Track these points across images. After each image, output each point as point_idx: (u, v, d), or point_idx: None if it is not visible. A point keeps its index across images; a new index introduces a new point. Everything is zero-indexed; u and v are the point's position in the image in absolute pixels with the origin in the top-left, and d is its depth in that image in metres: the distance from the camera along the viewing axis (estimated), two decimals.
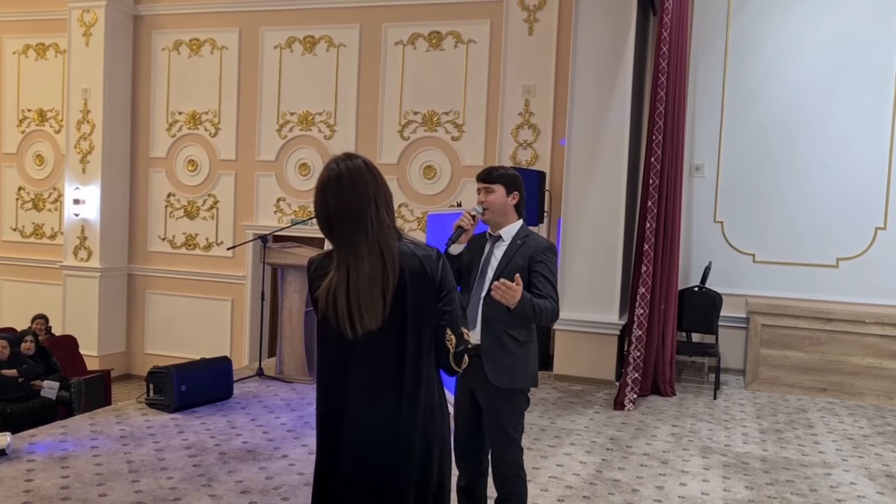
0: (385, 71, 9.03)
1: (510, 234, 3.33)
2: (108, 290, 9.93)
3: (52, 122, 10.50)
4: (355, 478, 2.24)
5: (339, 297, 2.17)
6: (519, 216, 3.36)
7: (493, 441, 3.29)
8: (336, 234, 2.22)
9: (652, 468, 4.86)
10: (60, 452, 4.73)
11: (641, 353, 6.41)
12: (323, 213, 2.23)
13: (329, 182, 2.23)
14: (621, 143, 6.97)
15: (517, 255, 3.26)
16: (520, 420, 3.31)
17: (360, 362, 2.22)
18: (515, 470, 3.27)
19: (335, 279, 2.18)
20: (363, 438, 2.23)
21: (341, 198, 2.20)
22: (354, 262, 2.18)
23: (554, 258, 3.30)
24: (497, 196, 3.30)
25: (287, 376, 6.76)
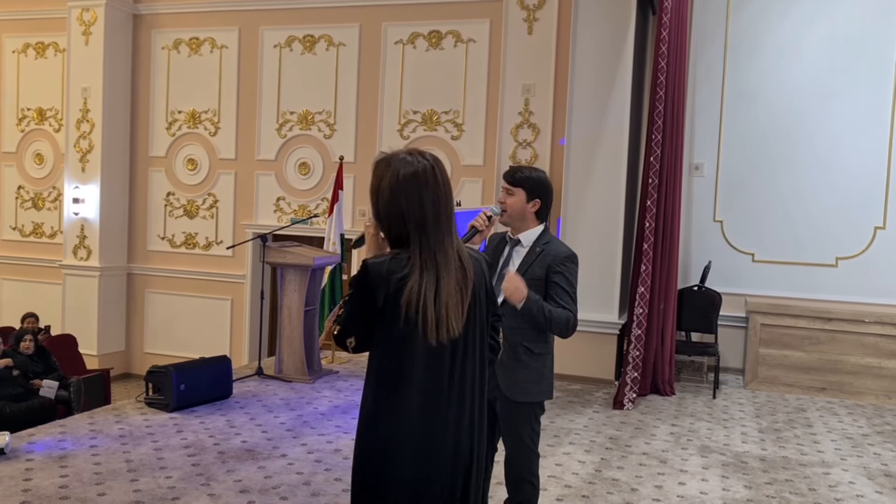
0: (385, 70, 9.03)
1: (530, 239, 3.22)
2: (108, 289, 9.93)
3: (52, 121, 10.50)
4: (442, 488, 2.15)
5: (428, 301, 2.06)
6: (541, 221, 3.24)
7: (508, 449, 3.28)
8: (428, 232, 2.10)
9: (651, 467, 4.86)
10: (59, 452, 4.73)
11: (641, 353, 6.41)
12: (416, 208, 2.09)
13: (425, 177, 2.11)
14: (621, 142, 6.97)
15: (535, 264, 3.16)
16: (536, 429, 3.27)
17: (446, 370, 2.14)
18: (529, 478, 3.25)
19: (424, 283, 2.06)
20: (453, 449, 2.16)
21: (436, 196, 2.12)
22: (444, 265, 2.09)
23: (574, 268, 3.17)
24: (516, 200, 3.21)
25: (286, 376, 6.76)
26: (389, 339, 2.12)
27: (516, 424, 3.22)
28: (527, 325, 3.12)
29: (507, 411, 3.24)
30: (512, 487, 3.29)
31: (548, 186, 3.23)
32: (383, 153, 2.21)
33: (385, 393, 2.13)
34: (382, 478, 2.12)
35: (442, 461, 2.14)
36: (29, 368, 7.32)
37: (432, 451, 2.13)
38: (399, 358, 2.12)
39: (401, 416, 2.11)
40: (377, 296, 2.08)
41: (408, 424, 2.12)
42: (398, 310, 2.06)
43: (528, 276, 3.15)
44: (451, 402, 2.14)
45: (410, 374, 2.12)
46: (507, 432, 3.26)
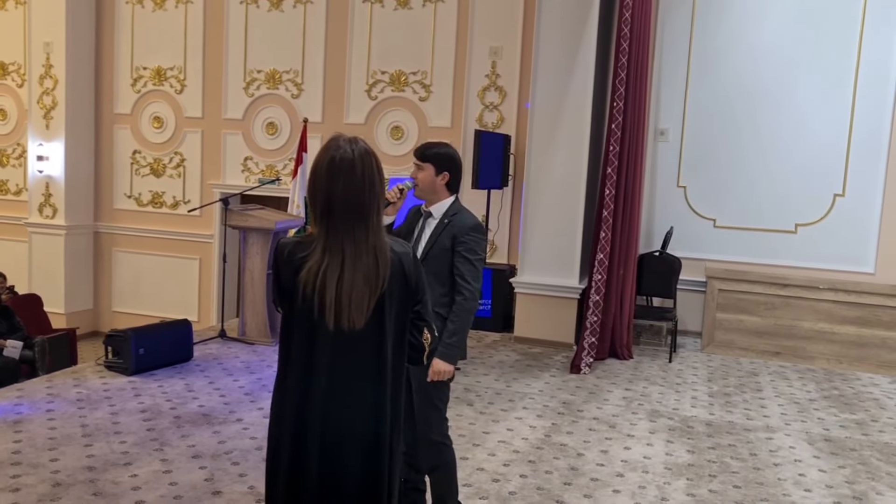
0: (352, 29, 8.91)
1: (440, 211, 3.36)
2: (74, 247, 9.88)
3: (15, 76, 10.30)
4: (331, 479, 2.19)
5: (328, 287, 2.10)
6: (451, 193, 3.38)
7: (418, 411, 3.36)
8: (334, 221, 2.14)
9: (599, 432, 4.99)
10: (14, 416, 4.78)
11: (598, 318, 6.52)
12: (323, 197, 2.14)
13: (341, 166, 2.14)
14: (583, 108, 6.97)
15: (443, 234, 3.32)
16: (444, 391, 3.38)
17: (339, 358, 2.17)
18: (441, 439, 3.36)
19: (325, 265, 2.10)
20: (338, 438, 2.19)
21: (352, 188, 2.14)
22: (352, 257, 2.12)
23: (480, 237, 3.32)
24: (426, 174, 3.34)
25: (249, 338, 6.81)
26: (290, 318, 2.20)
27: (425, 386, 3.31)
28: (436, 287, 3.21)
29: (417, 373, 3.32)
30: (427, 451, 3.38)
31: (456, 160, 3.36)
32: (332, 134, 2.26)
33: (281, 370, 2.23)
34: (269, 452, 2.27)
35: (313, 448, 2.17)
36: None
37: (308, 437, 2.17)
38: (294, 338, 2.19)
39: (284, 396, 2.21)
40: (281, 274, 2.20)
41: (288, 405, 2.19)
42: (297, 286, 2.13)
43: (437, 246, 3.31)
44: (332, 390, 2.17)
45: (301, 357, 2.18)
46: (419, 394, 3.35)
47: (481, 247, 3.32)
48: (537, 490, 4.06)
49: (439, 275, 3.28)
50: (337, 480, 2.19)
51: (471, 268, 3.27)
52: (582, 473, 4.31)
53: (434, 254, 3.30)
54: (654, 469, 4.42)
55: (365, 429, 2.21)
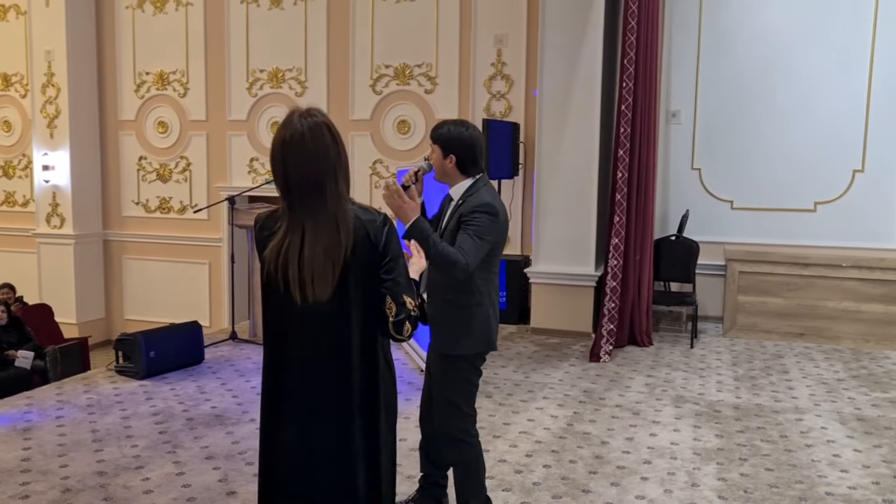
0: (354, 24, 8.79)
1: (458, 193, 3.14)
2: (84, 256, 9.80)
3: (18, 87, 10.24)
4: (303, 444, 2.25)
5: (290, 262, 2.13)
6: (467, 175, 3.13)
7: (436, 406, 3.21)
8: (293, 196, 2.15)
9: (623, 420, 4.84)
10: (24, 424, 4.68)
11: (616, 305, 6.36)
12: (280, 172, 2.16)
13: (291, 143, 2.15)
14: (593, 91, 6.81)
15: (454, 217, 3.09)
16: (465, 387, 3.17)
17: (307, 330, 2.20)
18: (461, 436, 3.16)
19: (287, 243, 2.14)
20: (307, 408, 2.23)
21: (303, 163, 2.14)
22: (312, 230, 2.13)
23: (484, 217, 3.00)
24: (436, 157, 3.13)
25: (260, 338, 6.66)
26: (264, 293, 2.25)
27: (445, 380, 3.16)
28: (441, 273, 3.00)
29: (436, 365, 3.19)
30: (444, 448, 3.23)
31: (463, 140, 3.08)
32: (290, 110, 2.25)
33: (265, 347, 2.29)
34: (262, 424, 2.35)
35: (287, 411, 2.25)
36: (2, 339, 7.24)
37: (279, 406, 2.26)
38: (268, 313, 2.27)
39: (267, 357, 2.28)
40: (258, 246, 2.26)
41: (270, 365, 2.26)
42: (264, 265, 2.19)
43: (448, 231, 3.09)
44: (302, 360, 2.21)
45: (273, 330, 2.25)
46: (437, 391, 3.20)
47: (487, 228, 2.99)
48: (562, 480, 3.91)
49: None
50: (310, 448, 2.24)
51: (470, 242, 2.95)
52: (607, 462, 4.16)
53: (445, 238, 3.06)
54: (682, 455, 4.27)
55: (331, 396, 2.22)
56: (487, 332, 3.14)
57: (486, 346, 3.16)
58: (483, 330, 3.12)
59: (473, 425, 3.21)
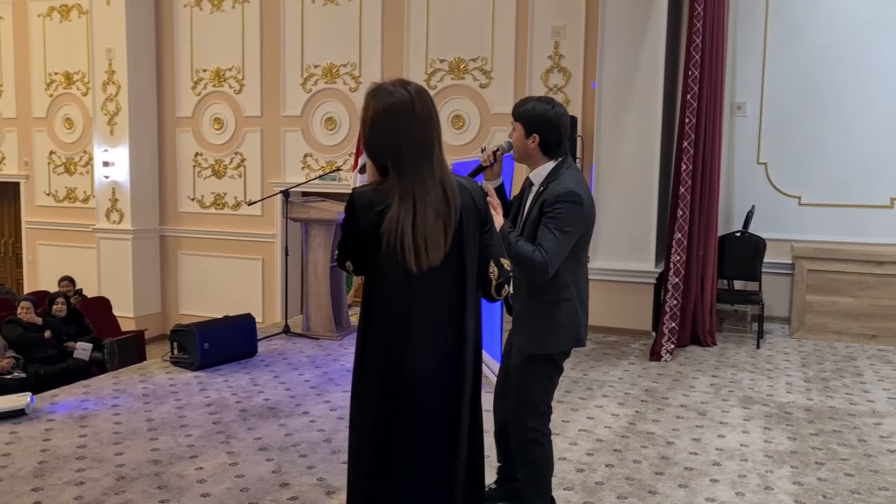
0: (409, 18, 8.71)
1: (539, 178, 2.92)
2: (141, 251, 9.93)
3: (80, 85, 10.44)
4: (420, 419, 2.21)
5: (405, 231, 2.11)
6: (550, 158, 2.91)
7: (512, 402, 3.06)
8: (404, 164, 2.13)
9: (689, 420, 4.63)
10: (81, 412, 4.69)
11: (678, 302, 6.13)
12: (392, 141, 2.14)
13: (403, 108, 2.14)
14: (655, 82, 6.60)
15: (535, 206, 2.88)
16: (544, 385, 3.01)
17: (423, 296, 2.18)
18: (535, 435, 3.00)
19: (402, 212, 2.11)
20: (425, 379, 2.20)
21: (414, 126, 2.14)
22: (422, 196, 2.12)
23: (569, 207, 2.78)
24: (517, 136, 2.92)
25: (314, 333, 6.64)
26: (375, 265, 2.17)
27: (524, 376, 2.99)
28: (523, 273, 2.87)
29: (517, 360, 3.03)
30: (516, 445, 3.07)
31: (549, 120, 2.87)
32: (373, 84, 2.26)
33: (369, 316, 2.21)
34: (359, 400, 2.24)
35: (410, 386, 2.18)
36: (62, 331, 7.35)
37: (400, 377, 2.18)
38: (383, 283, 2.18)
39: (381, 340, 2.19)
40: (361, 224, 2.15)
41: (389, 347, 2.18)
42: (380, 238, 2.12)
43: (529, 220, 2.90)
44: (424, 327, 2.19)
45: (390, 300, 2.17)
46: (515, 384, 3.04)
47: (571, 219, 2.77)
48: (626, 480, 3.73)
49: None
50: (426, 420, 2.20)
51: (550, 238, 2.77)
52: (674, 462, 3.96)
53: (527, 229, 2.88)
54: (753, 457, 4.05)
55: (447, 365, 2.22)
56: (576, 329, 2.96)
57: (574, 343, 2.99)
58: (571, 326, 2.94)
59: (547, 424, 3.05)
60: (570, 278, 2.91)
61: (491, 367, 5.30)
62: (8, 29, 10.77)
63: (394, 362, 2.17)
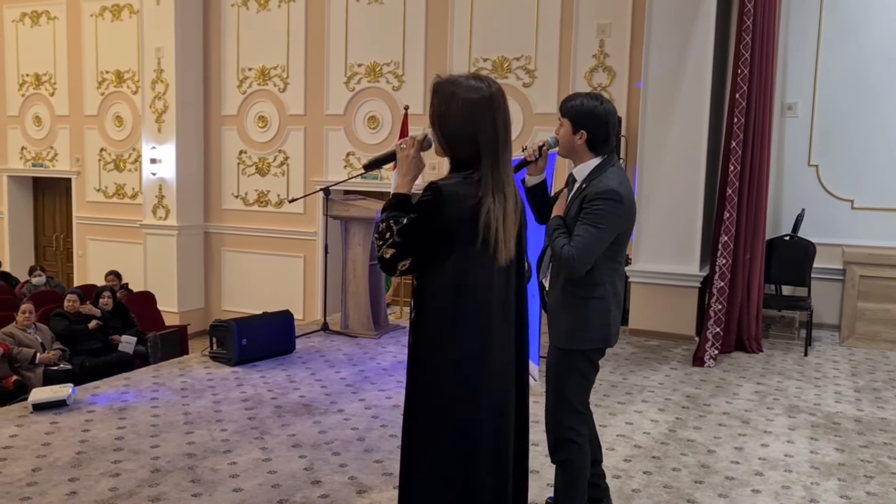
0: (453, 17, 8.68)
1: (582, 175, 2.89)
2: (186, 247, 10.08)
3: (130, 83, 10.64)
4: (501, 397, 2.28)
5: (500, 225, 2.12)
6: (596, 154, 2.88)
7: (547, 400, 3.01)
8: (497, 158, 2.12)
9: (731, 428, 4.49)
10: (120, 404, 4.74)
11: (723, 307, 5.97)
12: (488, 133, 2.11)
13: (498, 101, 2.13)
14: (702, 81, 6.45)
15: (576, 202, 2.85)
16: (581, 382, 2.96)
17: (503, 292, 2.22)
18: (570, 435, 2.94)
19: (496, 206, 2.11)
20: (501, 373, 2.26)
21: (506, 120, 2.15)
22: (508, 191, 2.14)
23: (608, 205, 2.75)
24: (564, 131, 2.88)
25: (352, 331, 6.64)
26: (460, 260, 2.13)
27: (558, 373, 2.95)
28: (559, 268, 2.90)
29: (551, 358, 2.98)
30: (552, 445, 3.02)
31: (597, 116, 2.83)
32: (440, 77, 2.21)
33: (454, 312, 2.16)
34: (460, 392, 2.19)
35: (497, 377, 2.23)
36: (107, 324, 7.48)
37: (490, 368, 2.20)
38: (469, 278, 2.15)
39: (467, 334, 2.16)
40: (447, 218, 2.10)
41: (475, 341, 2.17)
42: (472, 233, 2.10)
43: (569, 217, 2.87)
44: (504, 321, 2.23)
45: (478, 294, 2.17)
46: (549, 381, 3.00)
47: (608, 217, 2.74)
48: (664, 488, 3.63)
49: None
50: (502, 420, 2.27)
51: (583, 233, 2.74)
52: (715, 471, 3.84)
53: (567, 225, 2.85)
54: (798, 468, 3.90)
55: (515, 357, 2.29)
56: (606, 327, 2.91)
57: (604, 342, 2.94)
58: (602, 324, 2.89)
59: (583, 424, 2.99)
60: (605, 276, 2.87)
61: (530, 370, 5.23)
62: (62, 29, 11.03)
63: (476, 359, 2.17)
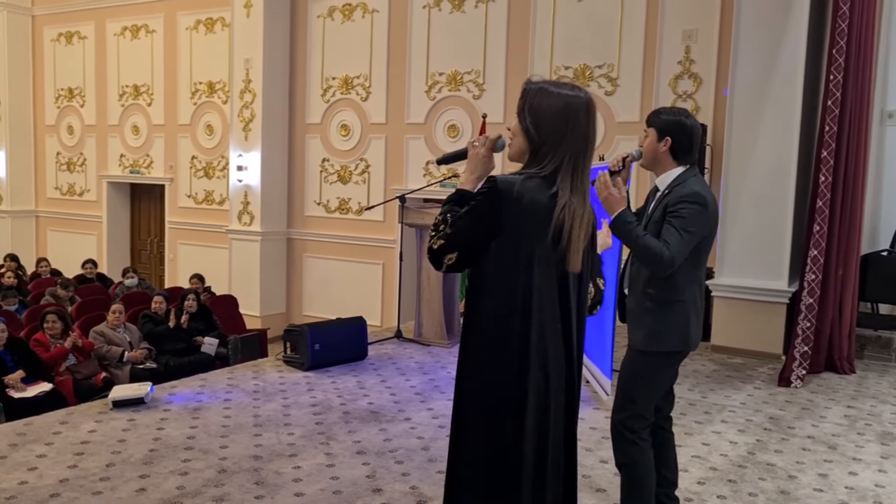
0: (535, 25, 8.59)
1: (664, 183, 2.95)
2: (269, 253, 10.31)
3: (220, 93, 10.99)
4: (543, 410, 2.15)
5: (574, 224, 2.05)
6: (679, 163, 2.94)
7: (615, 398, 3.01)
8: (581, 163, 2.08)
9: (816, 453, 4.23)
10: (195, 404, 4.86)
11: (812, 325, 5.66)
12: (579, 138, 2.07)
13: (591, 109, 2.11)
14: (793, 88, 6.14)
15: (659, 207, 2.90)
16: (649, 386, 2.95)
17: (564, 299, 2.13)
18: (631, 436, 2.91)
19: (574, 207, 2.04)
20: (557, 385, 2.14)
21: (594, 126, 2.12)
22: (586, 198, 2.10)
23: (693, 208, 2.80)
24: (649, 140, 2.96)
25: (425, 339, 6.62)
26: (518, 258, 2.06)
27: (631, 375, 2.95)
28: (644, 266, 2.87)
29: (626, 360, 2.99)
30: (615, 447, 2.99)
31: (684, 126, 2.94)
32: (538, 79, 2.16)
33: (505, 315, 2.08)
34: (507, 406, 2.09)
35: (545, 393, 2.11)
36: (191, 326, 7.70)
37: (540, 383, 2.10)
38: (525, 279, 2.06)
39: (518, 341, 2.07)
40: (503, 213, 2.03)
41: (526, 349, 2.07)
42: (539, 229, 2.03)
43: (651, 221, 2.90)
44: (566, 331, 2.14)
45: (537, 298, 2.07)
46: (620, 383, 2.99)
47: (695, 220, 2.79)
48: None
49: None
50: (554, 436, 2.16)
51: (675, 235, 2.77)
52: (795, 499, 3.62)
53: (648, 230, 2.88)
54: (889, 500, 3.63)
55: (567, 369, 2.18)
56: (686, 332, 2.92)
57: (683, 346, 2.94)
58: (682, 328, 2.91)
59: (647, 430, 2.95)
60: (686, 283, 2.90)
61: (601, 383, 5.09)
62: (159, 42, 11.51)
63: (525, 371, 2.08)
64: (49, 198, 13.03)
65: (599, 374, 5.15)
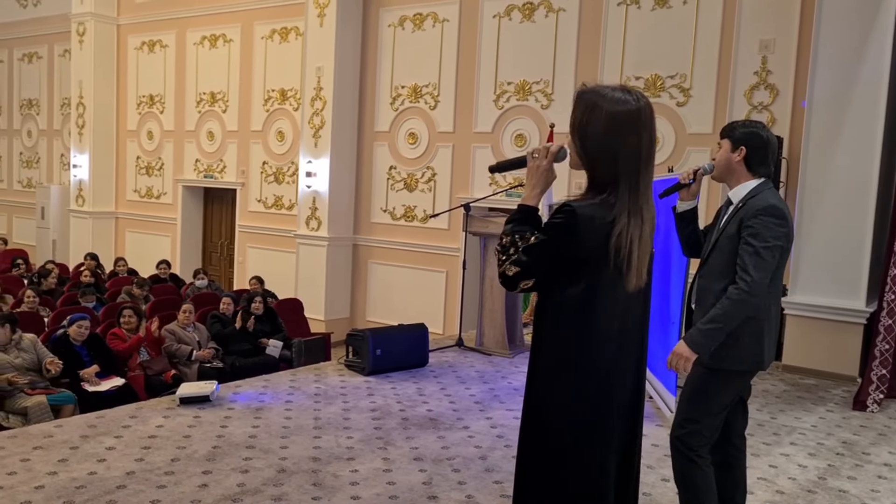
0: (606, 34, 8.50)
1: (738, 196, 2.88)
2: (335, 258, 10.44)
3: (292, 101, 11.22)
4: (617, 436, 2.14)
5: (633, 248, 2.00)
6: (754, 175, 2.87)
7: (676, 414, 2.95)
8: (638, 177, 2.00)
9: (893, 482, 4.04)
10: (258, 404, 4.95)
11: (891, 347, 5.42)
12: (631, 150, 1.99)
13: (645, 116, 2.00)
14: (877, 98, 5.92)
15: (732, 221, 2.82)
16: (713, 404, 2.85)
17: (631, 322, 2.10)
18: (689, 453, 2.83)
19: (631, 228, 1.98)
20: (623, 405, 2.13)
21: (651, 137, 2.02)
22: (647, 213, 2.02)
23: (770, 222, 2.74)
24: (722, 151, 2.91)
25: (486, 348, 6.60)
26: (588, 284, 2.02)
27: (695, 391, 2.87)
28: (713, 283, 2.82)
29: (691, 376, 2.90)
30: (674, 466, 2.92)
31: (758, 136, 2.89)
32: (586, 85, 2.10)
33: (580, 338, 2.04)
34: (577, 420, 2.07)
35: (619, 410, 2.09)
36: (257, 328, 7.86)
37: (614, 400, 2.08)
38: (595, 304, 2.03)
39: (595, 361, 2.04)
40: (582, 243, 1.99)
41: (602, 368, 2.04)
42: (605, 256, 1.98)
43: (724, 235, 2.83)
44: (632, 351, 2.10)
45: (610, 323, 2.04)
46: (682, 399, 2.92)
47: (773, 233, 2.72)
48: None
49: (719, 268, 2.83)
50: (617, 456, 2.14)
51: (754, 256, 2.70)
52: None
53: (720, 244, 2.84)
54: None
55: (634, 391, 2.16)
56: (758, 350, 2.83)
57: (755, 365, 2.87)
58: (753, 346, 2.82)
59: (706, 449, 2.86)
60: (762, 298, 2.78)
61: (664, 399, 4.97)
62: (236, 50, 11.83)
63: (604, 393, 2.05)
64: (128, 200, 13.52)
65: (663, 390, 5.03)
